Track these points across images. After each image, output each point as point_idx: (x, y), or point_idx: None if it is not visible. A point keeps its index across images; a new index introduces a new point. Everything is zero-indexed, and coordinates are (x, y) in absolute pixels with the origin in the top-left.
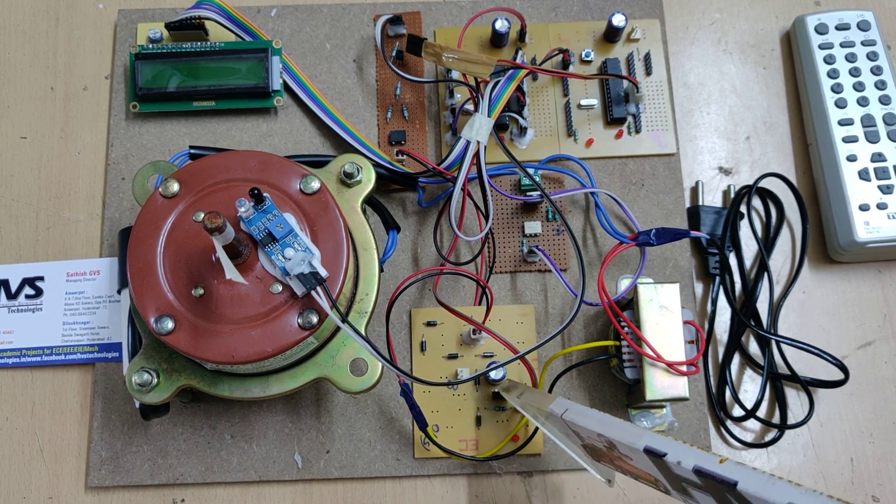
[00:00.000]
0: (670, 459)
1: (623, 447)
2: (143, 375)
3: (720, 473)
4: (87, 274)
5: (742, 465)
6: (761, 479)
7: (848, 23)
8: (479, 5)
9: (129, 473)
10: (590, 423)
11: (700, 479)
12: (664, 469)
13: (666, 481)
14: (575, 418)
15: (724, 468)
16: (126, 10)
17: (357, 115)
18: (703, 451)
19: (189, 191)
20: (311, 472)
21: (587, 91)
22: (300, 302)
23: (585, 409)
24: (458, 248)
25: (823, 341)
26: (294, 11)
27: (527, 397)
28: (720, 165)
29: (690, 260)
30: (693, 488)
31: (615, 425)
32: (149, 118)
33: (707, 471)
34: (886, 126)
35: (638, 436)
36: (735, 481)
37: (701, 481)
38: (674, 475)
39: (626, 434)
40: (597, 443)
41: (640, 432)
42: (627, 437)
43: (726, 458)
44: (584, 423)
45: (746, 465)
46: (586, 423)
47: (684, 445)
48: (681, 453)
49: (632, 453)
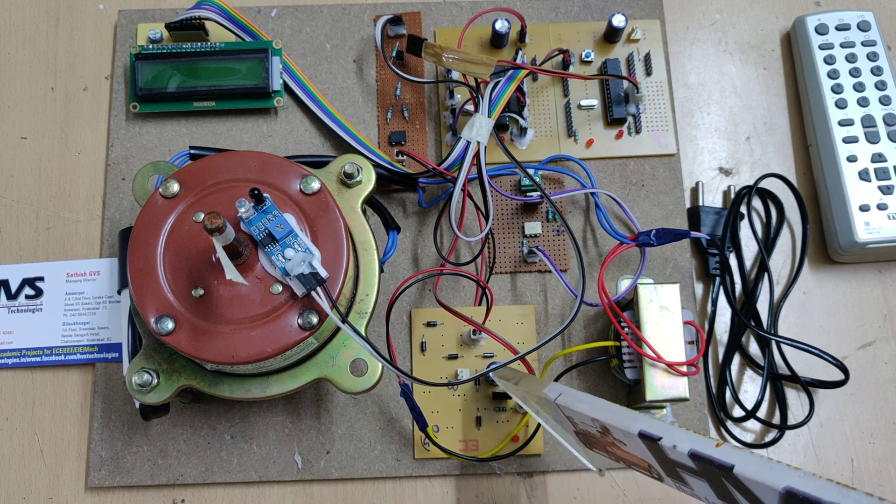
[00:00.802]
0: (665, 443)
1: (617, 432)
2: (143, 376)
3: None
4: (87, 274)
5: (739, 449)
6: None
7: (848, 23)
8: (479, 5)
9: (129, 474)
10: (584, 408)
11: (695, 464)
12: (658, 454)
13: (660, 467)
14: (569, 403)
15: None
16: (126, 10)
17: (357, 116)
18: (698, 435)
19: (189, 191)
20: (311, 472)
21: (587, 91)
22: (300, 302)
23: (579, 394)
24: (458, 249)
25: (824, 342)
26: (294, 12)
27: (521, 384)
28: (720, 166)
29: (690, 260)
30: (688, 473)
31: (610, 409)
32: (149, 118)
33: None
34: (887, 126)
35: (633, 420)
36: (732, 465)
37: (696, 466)
38: (668, 460)
39: (621, 418)
40: (590, 428)
41: (635, 416)
42: (622, 421)
43: (722, 441)
44: (577, 407)
45: (743, 449)
46: (580, 407)
47: (679, 430)
48: (676, 437)
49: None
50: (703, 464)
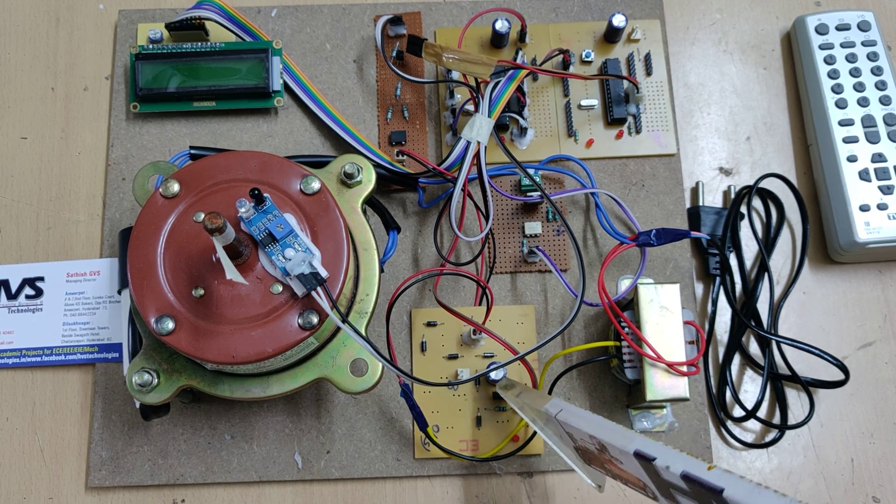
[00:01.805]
0: (659, 464)
1: (614, 450)
2: (144, 376)
3: (707, 480)
4: (88, 274)
5: (730, 473)
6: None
7: (848, 23)
8: (479, 5)
9: (129, 474)
10: (583, 425)
11: (687, 485)
12: (653, 474)
13: (654, 486)
14: (568, 419)
15: (712, 475)
16: (126, 10)
17: (357, 116)
18: (691, 457)
19: (189, 191)
20: (311, 472)
21: (587, 91)
22: (300, 302)
23: (579, 411)
24: (458, 249)
25: (824, 342)
26: (294, 12)
27: (525, 397)
28: (720, 166)
29: (691, 260)
30: (680, 494)
31: (607, 427)
32: (149, 118)
33: (694, 476)
34: (887, 126)
35: (629, 439)
36: (721, 488)
37: (688, 487)
38: (662, 480)
39: (618, 437)
40: (589, 445)
41: (632, 435)
42: (619, 439)
43: (714, 465)
44: (577, 423)
45: (734, 473)
46: (579, 424)
47: (674, 450)
48: (670, 458)
49: (622, 456)
50: (695, 486)
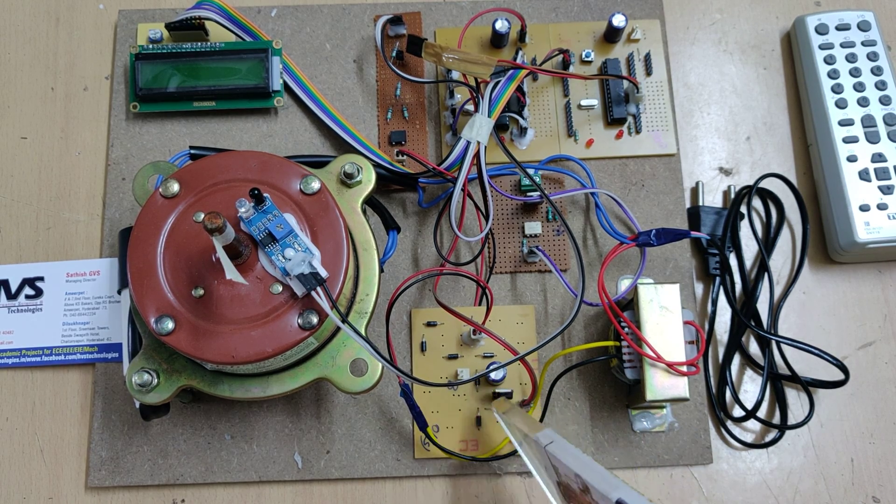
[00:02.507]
0: None
1: (597, 493)
2: (144, 376)
3: None
4: (87, 274)
5: None
6: None
7: (848, 23)
8: (479, 5)
9: (129, 474)
10: (570, 461)
11: None
12: None
13: None
14: (557, 452)
15: None
16: (126, 10)
17: (357, 116)
18: None
19: (189, 191)
20: (311, 472)
21: (587, 91)
22: (300, 302)
23: (569, 446)
24: (458, 249)
25: (824, 342)
26: (294, 12)
27: (517, 419)
28: (720, 166)
29: (691, 260)
30: None
31: (594, 470)
32: (149, 118)
33: None
34: (887, 126)
35: (614, 486)
36: None
37: None
38: None
39: (604, 482)
40: (572, 483)
41: (617, 483)
42: (604, 485)
43: None
44: (565, 459)
45: None
46: (567, 460)
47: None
48: None
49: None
50: None
